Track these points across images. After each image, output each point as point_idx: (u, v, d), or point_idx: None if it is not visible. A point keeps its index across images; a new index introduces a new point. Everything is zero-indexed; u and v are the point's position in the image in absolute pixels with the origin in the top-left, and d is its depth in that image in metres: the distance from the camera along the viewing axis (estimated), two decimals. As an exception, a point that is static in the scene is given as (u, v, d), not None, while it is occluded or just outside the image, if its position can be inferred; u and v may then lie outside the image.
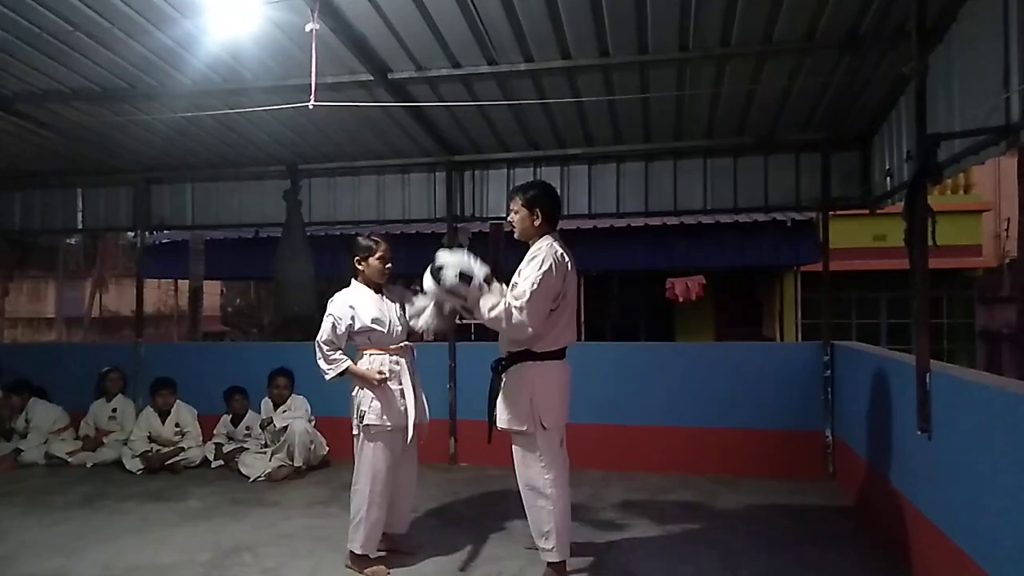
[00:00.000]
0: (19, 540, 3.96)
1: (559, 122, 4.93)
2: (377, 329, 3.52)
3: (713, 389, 5.33)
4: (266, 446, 5.50)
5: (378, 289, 3.64)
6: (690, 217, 8.72)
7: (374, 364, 3.51)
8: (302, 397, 5.61)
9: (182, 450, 5.61)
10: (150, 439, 5.65)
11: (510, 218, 3.40)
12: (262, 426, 5.56)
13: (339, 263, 3.83)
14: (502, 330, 3.20)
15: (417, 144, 5.40)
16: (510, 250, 5.22)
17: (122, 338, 17.07)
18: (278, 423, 5.43)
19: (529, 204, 3.31)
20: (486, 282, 3.18)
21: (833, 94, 4.32)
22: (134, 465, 5.46)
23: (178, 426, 5.71)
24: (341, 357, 3.51)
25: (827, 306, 5.39)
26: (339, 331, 3.50)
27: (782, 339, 11.30)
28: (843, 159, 5.20)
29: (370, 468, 3.45)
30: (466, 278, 3.14)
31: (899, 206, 3.35)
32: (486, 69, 3.97)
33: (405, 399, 3.52)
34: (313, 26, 3.11)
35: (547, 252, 3.18)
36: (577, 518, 3.81)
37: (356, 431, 3.52)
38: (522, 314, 3.07)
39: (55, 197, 6.67)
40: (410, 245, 8.78)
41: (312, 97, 3.43)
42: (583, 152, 5.50)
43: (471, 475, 5.27)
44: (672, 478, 5.11)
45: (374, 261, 3.59)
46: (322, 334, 3.51)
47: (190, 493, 4.88)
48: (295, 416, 5.44)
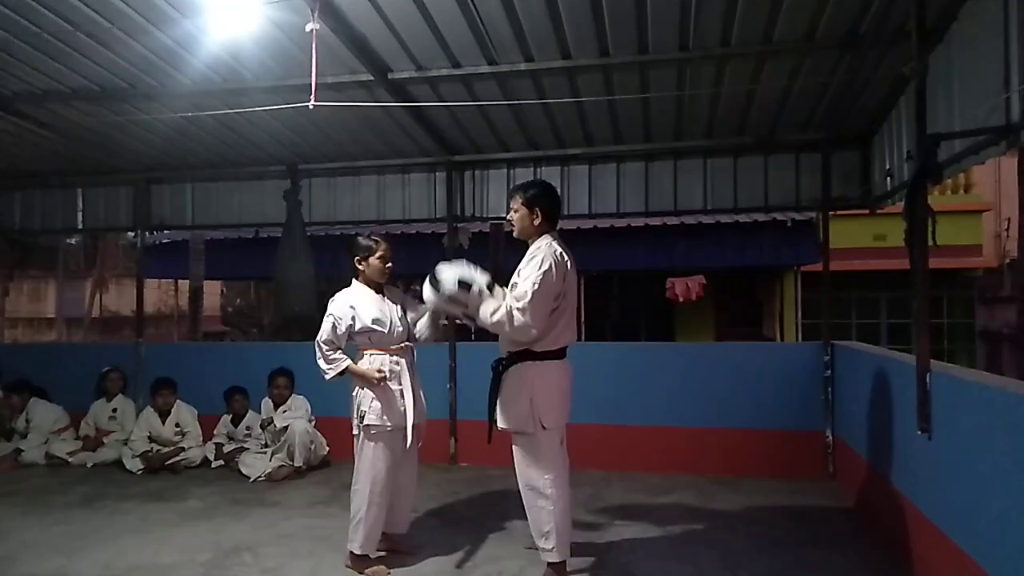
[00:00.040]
0: (19, 540, 3.96)
1: (559, 122, 4.93)
2: (377, 330, 3.52)
3: (713, 389, 5.33)
4: (266, 446, 5.50)
5: (379, 289, 3.64)
6: (690, 217, 8.72)
7: (374, 364, 3.51)
8: (302, 397, 5.61)
9: (182, 450, 5.61)
10: (150, 439, 5.65)
11: (509, 216, 3.40)
12: (262, 426, 5.56)
13: (339, 263, 3.83)
14: (505, 334, 3.20)
15: (417, 144, 5.40)
16: (510, 251, 5.22)
17: (122, 338, 17.06)
18: (278, 423, 5.43)
19: (529, 203, 3.31)
20: (488, 288, 3.18)
21: (833, 94, 4.32)
22: (134, 465, 5.46)
23: (178, 426, 5.72)
24: (341, 356, 3.51)
25: (827, 306, 5.39)
26: (339, 331, 3.50)
27: (782, 339, 11.30)
28: (843, 159, 5.20)
29: (370, 468, 3.45)
30: (465, 285, 3.15)
31: (899, 206, 3.35)
32: (486, 69, 3.98)
33: (404, 399, 3.52)
34: (313, 26, 3.11)
35: (546, 251, 3.18)
36: (577, 518, 3.81)
37: (356, 431, 3.52)
38: (524, 315, 3.07)
39: (55, 197, 6.67)
40: (410, 245, 8.84)
41: (312, 97, 3.43)
42: (583, 152, 5.50)
43: (471, 475, 5.27)
44: (672, 478, 5.10)
45: (374, 261, 3.59)
46: (322, 334, 3.52)
47: (190, 493, 4.88)
48: (295, 416, 5.44)
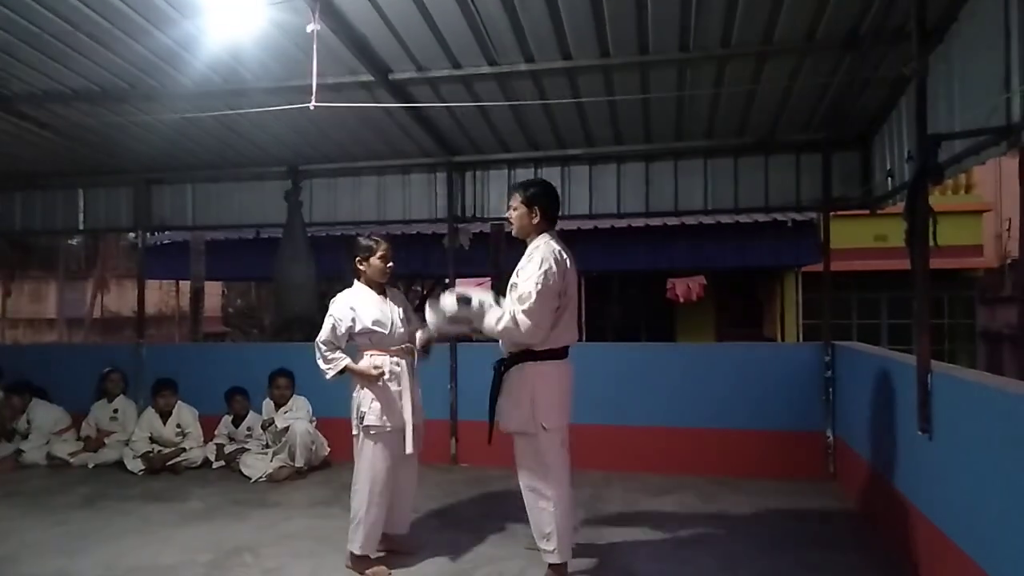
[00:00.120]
0: (21, 541, 3.96)
1: (560, 122, 4.93)
2: (378, 331, 3.52)
3: (714, 390, 5.33)
4: (267, 447, 5.50)
5: (381, 290, 3.64)
6: (691, 217, 8.72)
7: (373, 362, 3.51)
8: (303, 398, 5.61)
9: (183, 451, 5.61)
10: (151, 440, 5.65)
11: (508, 214, 3.40)
12: (263, 427, 5.56)
13: (340, 264, 3.82)
14: (514, 340, 3.19)
15: (418, 145, 5.40)
16: (511, 251, 5.22)
17: (123, 339, 17.07)
18: (279, 424, 5.43)
19: (528, 201, 3.31)
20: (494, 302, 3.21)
21: (834, 94, 4.32)
22: (135, 466, 5.46)
23: (179, 427, 5.71)
24: (340, 356, 3.51)
25: (828, 306, 5.39)
26: (339, 332, 3.50)
27: (783, 339, 11.29)
28: (844, 159, 5.20)
29: (369, 469, 3.45)
30: (465, 300, 3.16)
31: (900, 206, 3.35)
32: (487, 70, 3.98)
33: (403, 401, 3.52)
34: (314, 27, 3.11)
35: (545, 250, 3.18)
36: (578, 519, 3.80)
37: (356, 431, 3.52)
38: (530, 317, 3.07)
39: (56, 198, 6.67)
40: (411, 246, 8.85)
41: (313, 98, 3.43)
42: (584, 152, 5.50)
43: (472, 476, 5.27)
44: (673, 479, 5.10)
45: (375, 261, 3.59)
46: (321, 335, 3.52)
47: (191, 494, 4.88)
48: (296, 417, 5.44)
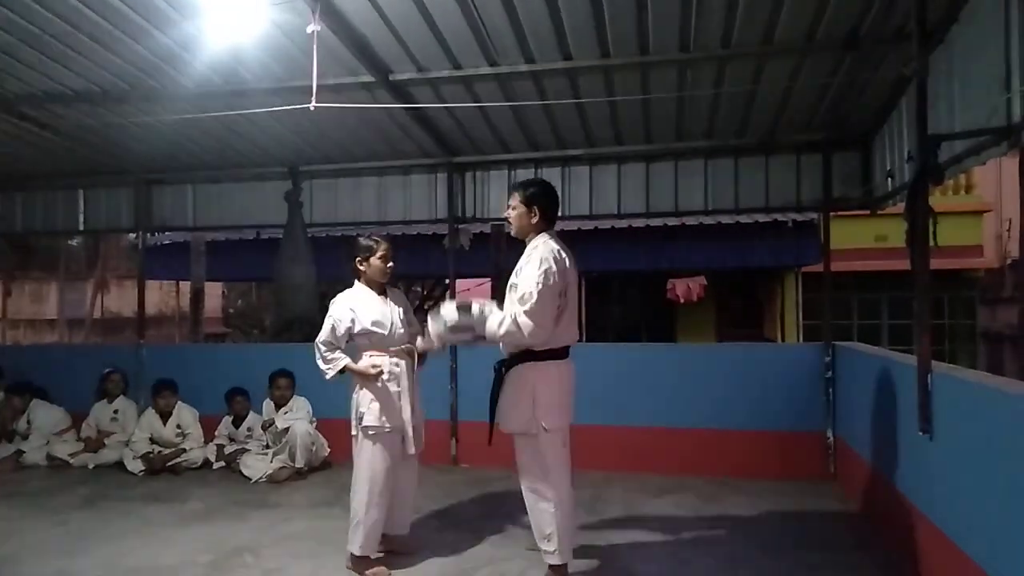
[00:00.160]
0: (21, 541, 3.96)
1: (560, 123, 4.93)
2: (377, 331, 3.52)
3: (714, 390, 5.33)
4: (268, 447, 5.50)
5: (381, 290, 3.64)
6: (691, 218, 8.72)
7: (372, 362, 3.51)
8: (304, 398, 5.61)
9: (184, 451, 5.61)
10: (152, 440, 5.65)
11: (507, 214, 3.40)
12: (264, 427, 5.56)
13: (340, 264, 3.82)
14: (517, 342, 3.18)
15: (418, 145, 5.40)
16: (511, 252, 5.22)
17: (123, 339, 17.05)
18: (280, 424, 5.43)
19: (528, 201, 3.31)
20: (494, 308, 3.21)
21: (834, 95, 4.33)
22: (135, 466, 5.46)
23: (179, 427, 5.71)
24: (339, 356, 3.51)
25: (828, 307, 5.39)
26: (338, 333, 3.50)
27: (783, 340, 11.28)
28: (844, 160, 5.20)
29: (368, 469, 3.45)
30: (465, 308, 3.16)
31: (900, 207, 3.35)
32: (487, 70, 3.98)
33: (402, 401, 3.52)
34: (314, 27, 3.12)
35: (544, 250, 3.18)
36: (578, 520, 3.80)
37: (355, 432, 3.52)
38: (532, 318, 3.07)
39: (56, 198, 6.68)
40: (411, 246, 8.85)
41: (313, 98, 3.44)
42: (584, 153, 5.50)
43: (472, 476, 5.27)
44: (673, 479, 5.09)
45: (375, 261, 3.59)
46: (321, 335, 3.52)
47: (191, 494, 4.88)
48: (297, 417, 5.44)
